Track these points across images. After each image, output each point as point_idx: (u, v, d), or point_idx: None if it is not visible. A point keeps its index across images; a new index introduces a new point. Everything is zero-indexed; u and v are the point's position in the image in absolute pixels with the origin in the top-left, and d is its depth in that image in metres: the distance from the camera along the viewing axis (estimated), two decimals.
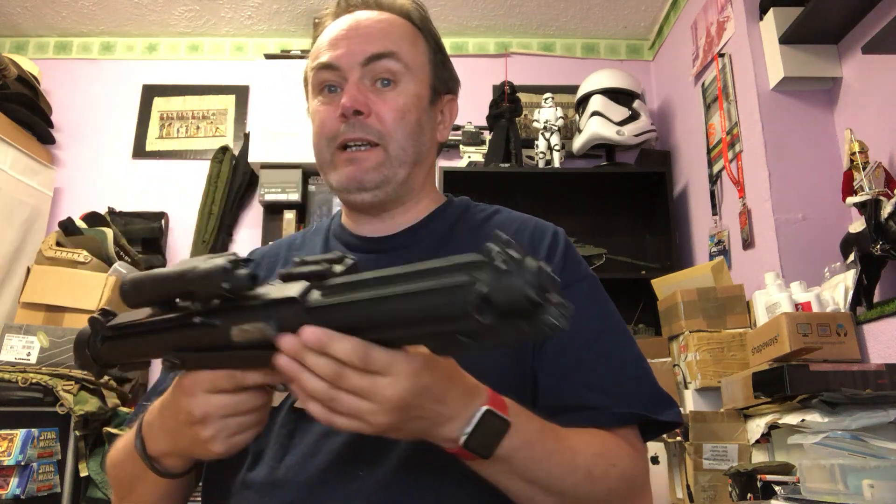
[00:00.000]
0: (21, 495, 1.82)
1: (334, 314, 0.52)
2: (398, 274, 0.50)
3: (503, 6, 2.92)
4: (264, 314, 0.55)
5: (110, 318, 0.65)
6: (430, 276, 0.48)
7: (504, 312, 0.45)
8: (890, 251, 1.51)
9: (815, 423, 1.26)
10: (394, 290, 0.49)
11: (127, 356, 0.65)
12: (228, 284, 0.55)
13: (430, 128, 0.88)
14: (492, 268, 0.45)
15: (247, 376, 0.59)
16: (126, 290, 0.60)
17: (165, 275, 0.58)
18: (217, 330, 0.57)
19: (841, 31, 1.90)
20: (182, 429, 0.62)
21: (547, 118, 2.67)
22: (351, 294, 0.52)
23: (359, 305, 0.51)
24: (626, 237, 2.75)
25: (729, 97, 2.21)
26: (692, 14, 2.56)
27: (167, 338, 0.60)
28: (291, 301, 0.53)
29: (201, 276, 0.55)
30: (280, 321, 0.54)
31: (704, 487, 1.55)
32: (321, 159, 0.87)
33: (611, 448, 0.71)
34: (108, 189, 2.88)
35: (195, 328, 0.58)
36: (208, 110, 3.04)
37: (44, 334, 2.12)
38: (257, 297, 0.56)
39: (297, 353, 0.53)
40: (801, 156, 1.97)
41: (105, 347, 0.65)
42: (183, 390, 0.61)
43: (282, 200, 2.67)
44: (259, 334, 0.55)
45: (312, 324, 0.52)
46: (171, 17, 3.00)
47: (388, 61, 0.83)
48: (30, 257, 2.53)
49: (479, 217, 0.91)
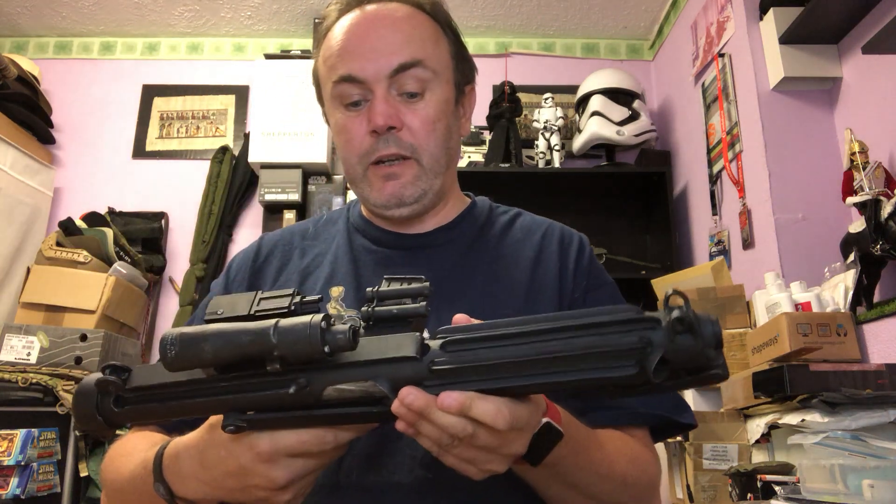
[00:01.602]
0: (21, 495, 1.82)
1: (464, 373, 0.48)
2: (541, 329, 0.47)
3: (503, 6, 2.92)
4: (372, 373, 0.49)
5: (125, 375, 0.56)
6: (586, 334, 0.46)
7: (678, 371, 0.45)
8: (890, 251, 1.51)
9: (815, 423, 1.26)
10: (546, 347, 0.46)
11: (159, 417, 0.57)
12: (329, 348, 0.48)
13: (457, 128, 0.87)
14: (667, 328, 0.44)
15: (339, 436, 0.53)
16: (176, 353, 0.49)
17: (237, 332, 0.49)
18: (304, 391, 0.50)
19: (841, 31, 1.90)
20: (249, 489, 0.56)
21: (547, 118, 2.67)
22: (484, 351, 0.48)
23: (499, 367, 0.47)
24: (626, 237, 2.75)
25: (729, 97, 2.21)
26: (692, 14, 2.56)
27: (226, 399, 0.52)
28: (410, 360, 0.49)
29: (293, 340, 0.48)
30: (394, 380, 0.49)
31: (704, 487, 1.55)
32: (353, 175, 0.83)
33: (639, 454, 0.74)
34: (108, 189, 2.88)
35: (271, 388, 0.50)
36: (208, 110, 3.04)
37: (44, 334, 2.12)
38: (357, 355, 0.50)
39: (426, 411, 0.48)
40: (801, 156, 1.97)
41: (126, 411, 0.56)
42: (259, 458, 0.53)
43: (282, 200, 2.67)
44: (361, 393, 0.49)
45: (435, 382, 0.48)
46: (171, 17, 3.00)
47: (415, 70, 0.79)
48: (30, 257, 2.53)
49: (504, 220, 0.91)
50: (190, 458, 0.60)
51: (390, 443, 0.71)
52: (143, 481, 0.64)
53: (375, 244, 0.87)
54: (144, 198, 2.88)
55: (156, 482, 0.62)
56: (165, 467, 0.62)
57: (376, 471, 0.71)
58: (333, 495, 0.70)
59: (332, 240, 0.89)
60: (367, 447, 0.72)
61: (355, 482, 0.70)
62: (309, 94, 0.93)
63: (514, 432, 0.51)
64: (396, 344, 0.50)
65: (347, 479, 0.71)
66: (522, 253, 0.86)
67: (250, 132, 2.74)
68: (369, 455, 0.71)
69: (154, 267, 2.71)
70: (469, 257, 0.84)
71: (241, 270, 0.88)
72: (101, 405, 0.56)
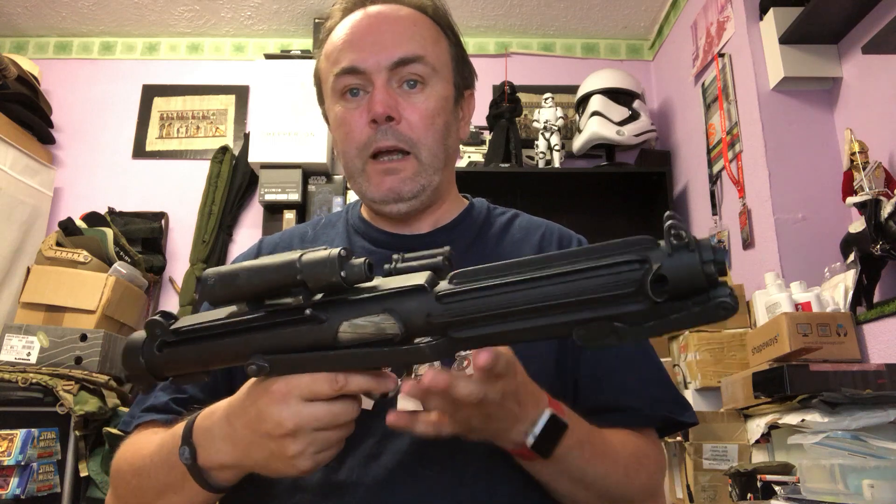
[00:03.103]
0: (21, 495, 1.82)
1: (470, 301, 0.48)
2: (543, 257, 0.47)
3: (503, 6, 2.92)
4: (384, 306, 0.50)
5: (171, 321, 0.57)
6: (585, 257, 0.46)
7: (678, 292, 0.43)
8: (890, 251, 1.51)
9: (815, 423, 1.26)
10: (543, 272, 0.46)
11: (193, 364, 0.57)
12: (345, 273, 0.50)
13: (456, 128, 0.87)
14: (666, 245, 0.44)
15: (351, 380, 0.53)
16: (212, 283, 0.53)
17: (265, 265, 0.52)
18: (321, 327, 0.52)
19: (841, 31, 1.90)
20: (261, 441, 0.56)
21: (547, 118, 2.67)
22: (489, 279, 0.48)
23: (501, 289, 0.47)
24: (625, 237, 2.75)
25: (729, 97, 2.21)
26: (692, 14, 2.56)
27: (252, 339, 0.54)
28: (419, 290, 0.50)
29: (314, 265, 0.50)
30: (404, 313, 0.50)
31: (704, 487, 1.55)
32: (351, 168, 0.83)
33: (642, 448, 0.76)
34: (108, 189, 2.87)
35: (292, 326, 0.53)
36: (208, 110, 3.04)
37: (44, 334, 2.12)
38: (373, 288, 0.51)
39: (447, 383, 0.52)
40: (801, 156, 1.97)
41: (165, 355, 0.57)
42: (272, 397, 0.54)
43: (282, 200, 2.67)
44: (374, 329, 0.50)
45: (443, 313, 0.49)
46: (171, 17, 3.00)
47: (415, 65, 0.80)
48: (30, 257, 2.53)
49: (502, 221, 0.92)
50: (220, 416, 0.61)
51: (391, 442, 0.71)
52: (169, 452, 0.64)
53: (375, 245, 0.87)
54: (144, 198, 2.88)
55: (182, 445, 0.62)
56: (196, 428, 0.62)
57: (376, 468, 0.71)
58: (334, 494, 0.71)
59: (332, 243, 0.89)
60: (368, 446, 0.72)
61: (356, 480, 0.71)
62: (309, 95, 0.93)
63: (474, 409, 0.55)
64: (408, 278, 0.52)
65: (348, 477, 0.71)
66: (521, 253, 0.86)
67: (250, 132, 2.74)
68: (370, 454, 0.71)
69: (154, 267, 2.71)
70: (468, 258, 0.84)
71: None
72: (145, 351, 0.57)
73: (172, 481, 0.64)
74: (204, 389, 0.79)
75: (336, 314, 0.52)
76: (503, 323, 0.48)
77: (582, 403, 0.77)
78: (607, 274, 0.45)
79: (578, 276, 0.45)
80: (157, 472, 0.66)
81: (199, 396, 0.79)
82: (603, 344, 0.46)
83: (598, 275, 0.45)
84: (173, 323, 0.57)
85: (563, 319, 0.46)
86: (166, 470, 0.64)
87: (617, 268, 0.45)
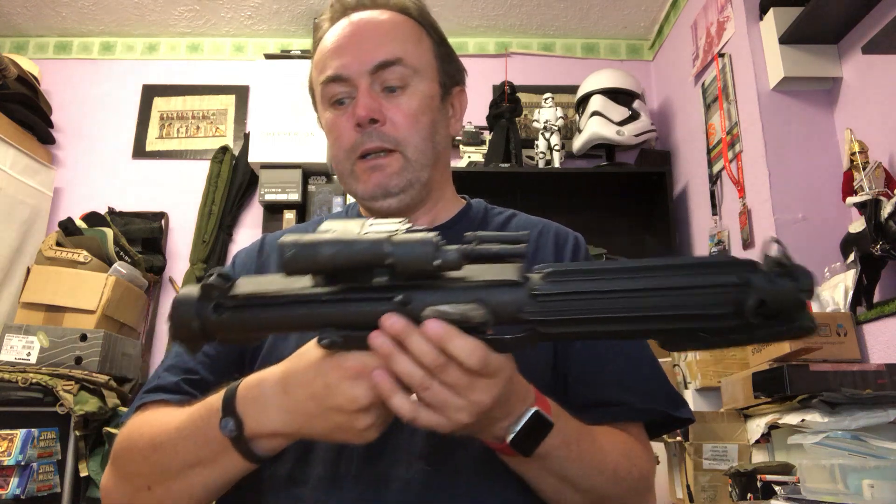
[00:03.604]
0: (21, 495, 1.82)
1: (568, 302, 0.49)
2: (644, 265, 0.49)
3: (503, 6, 2.92)
4: (475, 296, 0.50)
5: (228, 283, 0.56)
6: (687, 272, 0.48)
7: (771, 314, 0.46)
8: (890, 251, 1.51)
9: (815, 423, 1.26)
10: (646, 282, 0.48)
11: (254, 329, 0.56)
12: (440, 262, 0.50)
13: (444, 125, 0.89)
14: (768, 271, 0.47)
15: None
16: (291, 253, 0.52)
17: (353, 241, 0.51)
18: (403, 310, 0.51)
19: (841, 31, 1.90)
20: (328, 413, 0.57)
21: (547, 118, 2.67)
22: (589, 281, 0.49)
23: (602, 295, 0.48)
24: (626, 237, 2.75)
25: (729, 97, 2.21)
26: (692, 14, 2.56)
27: (325, 312, 0.53)
28: (513, 285, 0.50)
29: (407, 248, 0.50)
30: (495, 305, 0.50)
31: (704, 487, 1.55)
32: (342, 171, 0.86)
33: (633, 449, 0.75)
34: (108, 189, 2.87)
35: (370, 304, 0.52)
36: (208, 110, 3.04)
37: (44, 334, 2.12)
38: (461, 276, 0.51)
39: (402, 335, 0.51)
40: (801, 156, 1.97)
41: (226, 318, 0.55)
42: (345, 373, 0.55)
43: (282, 200, 2.67)
44: (458, 317, 0.50)
45: (537, 311, 0.49)
46: (171, 17, 3.00)
47: (396, 67, 0.82)
48: (30, 257, 2.53)
49: (500, 220, 0.93)
50: (274, 385, 0.60)
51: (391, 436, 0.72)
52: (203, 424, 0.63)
53: None
54: (144, 198, 2.88)
55: (224, 417, 0.61)
56: (241, 398, 0.62)
57: (376, 463, 0.71)
58: (333, 487, 0.71)
59: None
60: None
61: (355, 474, 0.71)
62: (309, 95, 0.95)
63: (483, 379, 0.52)
64: (499, 270, 0.51)
65: (347, 470, 0.71)
66: None
67: (250, 132, 2.74)
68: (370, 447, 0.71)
69: (154, 267, 2.71)
70: None
71: (246, 266, 0.90)
72: (200, 311, 0.55)
73: (206, 455, 0.63)
74: (213, 371, 0.80)
75: (419, 298, 0.51)
76: (595, 325, 0.49)
77: (573, 398, 0.76)
78: (708, 293, 0.47)
79: (680, 292, 0.48)
80: (185, 446, 0.65)
81: (209, 378, 0.79)
82: (684, 348, 0.50)
83: (699, 293, 0.47)
84: (230, 286, 0.55)
85: (657, 327, 0.49)
86: (199, 443, 0.64)
87: (718, 288, 0.47)
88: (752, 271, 0.47)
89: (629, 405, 0.77)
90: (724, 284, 0.47)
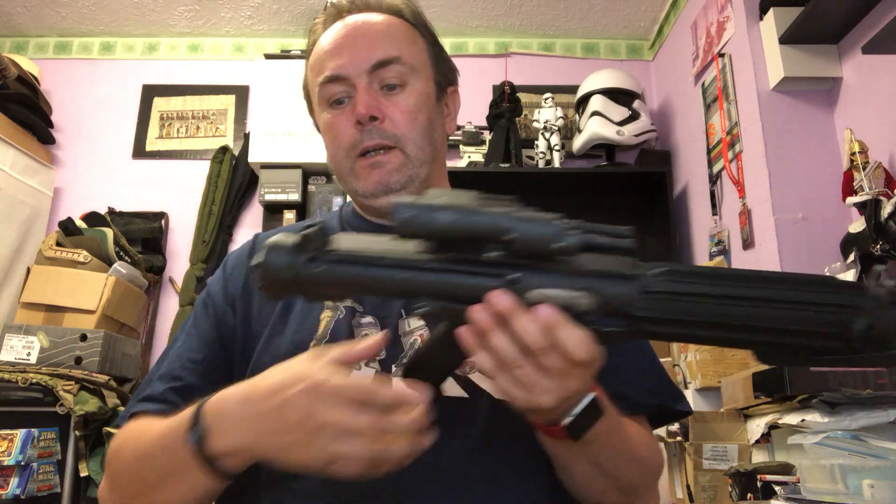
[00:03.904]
0: (21, 495, 1.82)
1: (681, 304, 0.49)
2: (759, 276, 0.49)
3: (503, 6, 2.92)
4: (585, 284, 0.50)
5: (326, 238, 0.55)
6: (797, 287, 0.48)
7: (877, 340, 0.47)
8: (890, 251, 1.51)
9: (815, 423, 1.26)
10: (760, 292, 0.48)
11: (348, 287, 0.55)
12: (561, 245, 0.49)
13: (441, 123, 0.90)
14: (874, 298, 0.47)
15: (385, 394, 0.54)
16: (408, 215, 0.50)
17: (475, 210, 0.50)
18: (512, 289, 0.50)
19: (841, 31, 1.90)
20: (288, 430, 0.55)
21: (547, 118, 2.67)
22: (703, 285, 0.49)
23: (716, 301, 0.49)
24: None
25: (729, 97, 2.21)
26: (692, 14, 2.56)
27: (425, 280, 0.52)
28: (627, 278, 0.50)
29: (531, 226, 0.49)
30: (604, 296, 0.50)
31: (704, 487, 1.55)
32: (341, 169, 0.87)
33: (652, 441, 0.78)
34: (108, 189, 2.87)
35: (475, 278, 0.51)
36: (208, 110, 3.04)
37: (44, 334, 2.12)
38: (570, 261, 0.51)
39: (508, 313, 0.50)
40: (801, 156, 1.97)
41: (321, 272, 0.53)
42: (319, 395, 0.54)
43: (282, 200, 2.67)
44: (564, 302, 0.50)
45: (647, 307, 0.49)
46: (171, 17, 3.00)
47: (393, 66, 0.84)
48: (30, 257, 2.53)
49: None
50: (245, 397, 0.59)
51: None
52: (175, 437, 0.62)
53: None
54: (144, 198, 2.88)
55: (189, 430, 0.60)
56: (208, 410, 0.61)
57: None
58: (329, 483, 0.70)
59: None
60: None
61: None
62: None
63: (579, 368, 0.52)
64: (612, 261, 0.51)
65: None
66: None
67: (250, 132, 2.74)
68: None
69: (154, 267, 2.71)
70: None
71: (238, 267, 0.90)
72: (293, 261, 0.53)
73: (177, 467, 0.62)
74: (202, 377, 0.80)
75: (529, 278, 0.50)
76: (703, 329, 0.49)
77: None
78: (816, 311, 0.48)
79: (790, 307, 0.48)
80: (160, 458, 0.65)
81: (196, 384, 0.79)
82: (778, 363, 0.52)
83: (808, 310, 0.48)
84: (328, 242, 0.54)
85: (759, 339, 0.49)
86: (170, 455, 0.63)
87: (826, 307, 0.48)
88: (860, 295, 0.48)
89: (634, 399, 0.78)
90: (833, 304, 0.47)
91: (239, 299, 0.86)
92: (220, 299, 0.86)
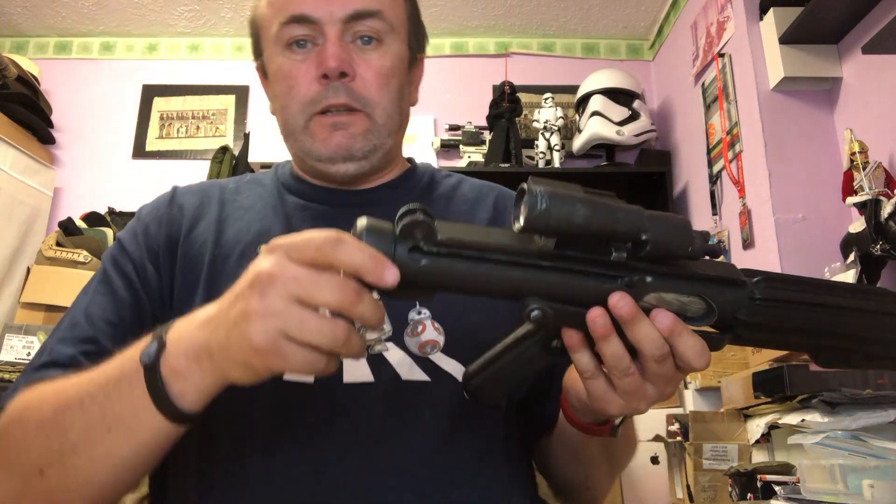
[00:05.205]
0: None
1: (781, 311, 0.50)
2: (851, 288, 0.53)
3: (503, 6, 2.92)
4: (699, 289, 0.49)
5: (433, 225, 0.46)
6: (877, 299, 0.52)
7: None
8: (890, 251, 1.51)
9: (815, 423, 1.26)
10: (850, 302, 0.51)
11: (452, 283, 0.46)
12: (691, 250, 0.47)
13: (409, 92, 0.82)
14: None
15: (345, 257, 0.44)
16: (544, 206, 0.44)
17: (612, 207, 0.46)
18: (630, 292, 0.48)
19: (841, 31, 1.90)
20: (231, 305, 0.46)
21: (547, 118, 2.67)
22: (803, 293, 0.50)
23: (803, 308, 0.50)
24: None
25: (729, 97, 2.21)
26: (692, 14, 2.56)
27: (540, 279, 0.47)
28: (739, 284, 0.50)
29: (667, 230, 0.46)
30: (717, 302, 0.49)
31: (704, 487, 1.55)
32: (292, 125, 0.77)
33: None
34: (108, 189, 2.87)
35: (593, 280, 0.47)
36: (208, 110, 3.04)
37: (44, 334, 2.12)
38: (684, 265, 0.49)
39: (630, 319, 0.47)
40: (801, 156, 1.97)
41: (425, 268, 0.45)
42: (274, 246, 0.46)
43: None
44: (677, 308, 0.48)
45: (752, 314, 0.49)
46: (171, 17, 3.00)
47: (373, 20, 0.74)
48: (30, 257, 2.53)
49: (449, 183, 0.88)
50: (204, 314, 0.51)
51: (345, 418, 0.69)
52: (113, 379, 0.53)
53: (310, 201, 0.80)
54: (144, 198, 2.82)
55: (142, 350, 0.52)
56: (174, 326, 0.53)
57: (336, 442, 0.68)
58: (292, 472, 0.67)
59: (259, 199, 0.81)
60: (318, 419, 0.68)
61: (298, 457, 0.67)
62: None
63: (684, 374, 0.52)
64: (725, 268, 0.50)
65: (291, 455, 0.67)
66: (477, 214, 0.83)
67: (250, 132, 2.74)
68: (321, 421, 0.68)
69: None
70: None
71: (156, 219, 0.80)
72: (393, 250, 0.45)
73: (120, 412, 0.52)
74: (118, 343, 0.64)
75: (647, 282, 0.48)
76: (792, 335, 0.51)
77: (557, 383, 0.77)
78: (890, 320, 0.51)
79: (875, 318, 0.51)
80: (91, 406, 0.54)
81: (113, 349, 0.61)
82: (837, 366, 0.52)
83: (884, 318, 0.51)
84: (436, 232, 0.46)
85: (835, 344, 0.51)
86: (110, 400, 0.53)
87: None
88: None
89: None
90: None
91: (164, 251, 0.75)
92: (136, 255, 0.75)
